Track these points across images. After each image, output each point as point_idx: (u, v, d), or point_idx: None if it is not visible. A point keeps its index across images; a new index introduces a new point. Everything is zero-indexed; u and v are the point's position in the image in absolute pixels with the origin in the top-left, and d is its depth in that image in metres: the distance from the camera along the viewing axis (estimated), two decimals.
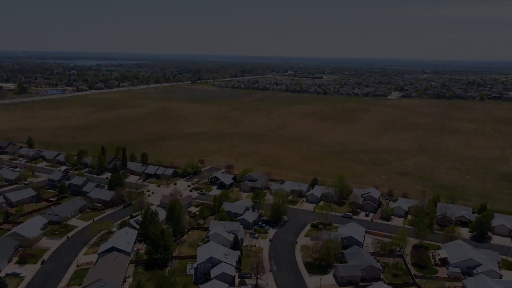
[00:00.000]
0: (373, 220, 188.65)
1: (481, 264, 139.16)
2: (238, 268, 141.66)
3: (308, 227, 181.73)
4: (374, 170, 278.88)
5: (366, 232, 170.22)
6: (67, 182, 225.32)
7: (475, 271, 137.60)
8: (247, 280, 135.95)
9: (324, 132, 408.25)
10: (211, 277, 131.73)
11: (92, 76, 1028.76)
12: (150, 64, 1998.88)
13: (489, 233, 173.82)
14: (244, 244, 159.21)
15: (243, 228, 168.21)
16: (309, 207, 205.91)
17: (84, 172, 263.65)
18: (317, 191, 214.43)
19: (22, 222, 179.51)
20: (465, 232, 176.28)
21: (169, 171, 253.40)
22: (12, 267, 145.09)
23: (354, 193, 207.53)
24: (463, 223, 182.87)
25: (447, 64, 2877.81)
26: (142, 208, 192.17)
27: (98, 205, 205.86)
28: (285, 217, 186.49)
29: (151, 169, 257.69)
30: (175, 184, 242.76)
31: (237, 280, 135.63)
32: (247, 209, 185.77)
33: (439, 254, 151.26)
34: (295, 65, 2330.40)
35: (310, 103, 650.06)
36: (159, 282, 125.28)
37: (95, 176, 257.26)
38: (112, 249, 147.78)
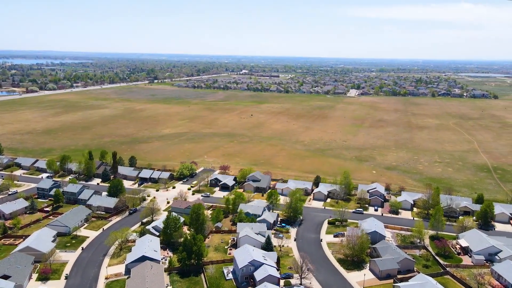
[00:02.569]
0: (383, 215, 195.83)
1: (501, 251, 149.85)
2: (277, 269, 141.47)
3: (326, 224, 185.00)
4: (362, 166, 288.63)
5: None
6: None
7: (497, 257, 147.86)
8: (291, 280, 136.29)
9: (301, 130, 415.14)
10: (257, 280, 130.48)
11: (39, 76, 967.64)
12: (97, 64, 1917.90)
13: (491, 221, 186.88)
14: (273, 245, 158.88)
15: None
16: (318, 204, 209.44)
17: (70, 179, 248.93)
18: (323, 188, 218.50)
19: (24, 236, 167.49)
20: (469, 221, 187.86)
21: (165, 175, 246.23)
22: (34, 285, 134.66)
23: (362, 189, 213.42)
24: (466, 213, 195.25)
25: (388, 63, 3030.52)
26: (152, 214, 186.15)
27: (101, 213, 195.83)
28: (300, 216, 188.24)
29: (145, 173, 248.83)
30: (173, 187, 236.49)
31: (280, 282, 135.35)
32: (264, 210, 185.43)
33: (459, 244, 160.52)
34: (246, 63, 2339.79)
35: (276, 101, 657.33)
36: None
37: (83, 182, 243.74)
38: (143, 258, 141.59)
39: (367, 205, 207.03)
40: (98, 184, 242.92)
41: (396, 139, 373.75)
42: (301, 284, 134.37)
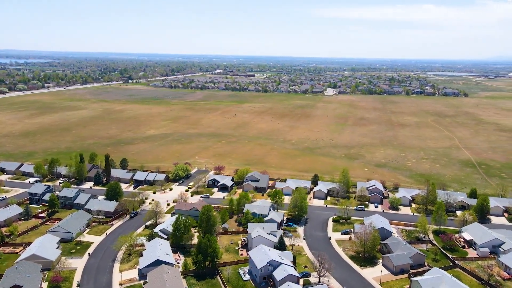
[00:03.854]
0: (384, 211, 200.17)
1: (504, 242, 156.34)
2: (294, 268, 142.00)
3: (330, 222, 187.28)
4: (352, 164, 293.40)
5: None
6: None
7: (501, 249, 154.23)
8: (309, 279, 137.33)
9: (286, 130, 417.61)
10: (277, 280, 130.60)
11: (5, 76, 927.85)
12: (64, 63, 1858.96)
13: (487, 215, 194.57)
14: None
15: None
16: (319, 203, 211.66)
17: (60, 183, 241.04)
18: (323, 187, 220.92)
19: (24, 243, 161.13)
20: (469, 215, 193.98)
21: (161, 176, 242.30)
22: None
23: (362, 186, 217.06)
24: (462, 207, 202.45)
25: (357, 62, 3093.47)
26: (156, 217, 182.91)
27: (101, 218, 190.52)
28: (305, 215, 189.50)
29: (140, 175, 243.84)
30: (170, 189, 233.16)
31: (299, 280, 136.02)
32: (270, 209, 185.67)
33: (463, 237, 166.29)
34: (218, 63, 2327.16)
35: (257, 101, 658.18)
36: None
37: (75, 186, 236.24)
38: (158, 262, 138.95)
39: (366, 202, 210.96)
40: (91, 187, 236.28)
41: (381, 137, 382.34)
42: (319, 282, 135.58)
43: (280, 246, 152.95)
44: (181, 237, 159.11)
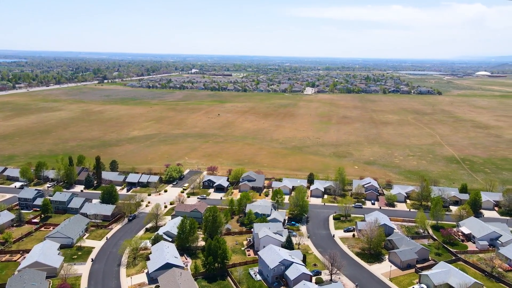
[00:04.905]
0: (382, 208, 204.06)
1: (501, 235, 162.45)
2: (305, 267, 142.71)
3: (331, 220, 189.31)
4: (342, 162, 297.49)
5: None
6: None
7: (499, 242, 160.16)
8: (321, 277, 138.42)
9: (272, 129, 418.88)
10: (291, 279, 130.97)
11: None
12: (32, 63, 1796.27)
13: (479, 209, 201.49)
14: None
15: None
16: (317, 201, 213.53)
17: (49, 187, 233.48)
18: (319, 185, 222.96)
19: (21, 251, 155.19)
20: (465, 210, 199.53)
21: (154, 178, 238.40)
22: None
23: (359, 184, 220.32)
24: (455, 202, 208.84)
25: (330, 61, 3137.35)
26: (157, 219, 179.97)
27: (99, 222, 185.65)
28: (305, 213, 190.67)
29: (133, 178, 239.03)
30: (165, 191, 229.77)
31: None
32: (272, 209, 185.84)
33: (461, 231, 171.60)
34: (193, 62, 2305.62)
35: (238, 100, 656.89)
36: None
37: (65, 190, 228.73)
38: (168, 265, 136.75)
39: (363, 200, 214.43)
40: (82, 191, 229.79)
41: (366, 135, 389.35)
42: (331, 280, 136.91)
43: (288, 245, 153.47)
44: (187, 239, 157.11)
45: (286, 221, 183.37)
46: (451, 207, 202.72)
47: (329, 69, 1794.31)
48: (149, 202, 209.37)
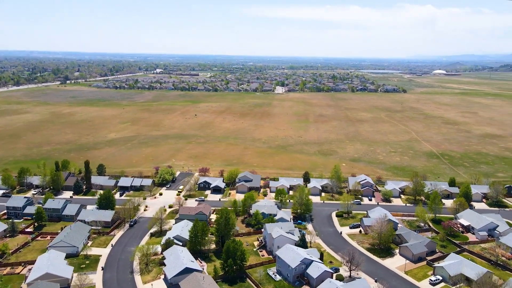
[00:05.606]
0: (379, 204, 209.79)
1: (498, 225, 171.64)
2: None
3: (334, 217, 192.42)
4: (328, 159, 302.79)
5: None
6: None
7: (496, 232, 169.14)
8: (341, 274, 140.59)
9: (252, 129, 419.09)
10: (314, 278, 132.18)
11: None
12: None
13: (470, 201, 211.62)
14: None
15: None
16: (316, 199, 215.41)
17: (34, 194, 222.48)
18: (316, 183, 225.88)
19: (23, 262, 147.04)
20: (449, 202, 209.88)
21: (147, 181, 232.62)
22: None
23: (356, 181, 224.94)
24: (446, 195, 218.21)
25: (292, 60, 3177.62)
26: (161, 224, 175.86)
27: (99, 228, 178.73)
28: (309, 212, 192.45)
29: (125, 182, 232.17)
30: (160, 194, 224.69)
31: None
32: (276, 209, 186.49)
33: (460, 223, 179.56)
34: (154, 62, 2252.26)
35: (211, 100, 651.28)
36: None
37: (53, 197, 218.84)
38: (187, 270, 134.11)
39: (360, 196, 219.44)
40: (71, 197, 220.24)
41: (345, 133, 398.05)
42: (350, 276, 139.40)
43: (302, 244, 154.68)
44: (200, 242, 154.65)
45: (292, 220, 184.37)
46: (443, 201, 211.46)
47: (294, 68, 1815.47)
48: (146, 206, 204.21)
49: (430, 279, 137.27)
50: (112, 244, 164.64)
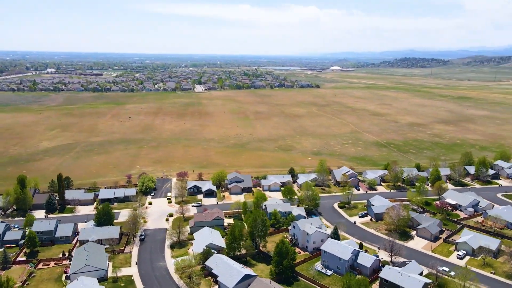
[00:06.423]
0: (368, 192, 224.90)
1: (479, 201, 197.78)
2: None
3: (338, 208, 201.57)
4: (292, 154, 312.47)
5: None
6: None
7: (480, 207, 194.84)
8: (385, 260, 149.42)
9: (198, 129, 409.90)
10: (368, 267, 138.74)
11: None
12: None
13: None
14: None
15: None
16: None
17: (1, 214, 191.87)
18: (306, 178, 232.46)
19: None
20: (445, 185, 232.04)
21: (132, 191, 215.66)
22: None
23: (342, 173, 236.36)
24: (417, 179, 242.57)
25: (188, 58, 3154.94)
26: (179, 234, 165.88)
27: (111, 247, 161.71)
28: (317, 206, 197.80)
29: (106, 194, 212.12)
30: (150, 203, 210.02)
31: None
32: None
33: (448, 202, 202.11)
34: (38, 61, 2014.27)
35: (134, 101, 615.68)
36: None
37: (21, 218, 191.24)
38: (246, 277, 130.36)
39: (348, 187, 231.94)
40: (46, 216, 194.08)
41: (292, 128, 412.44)
42: (391, 261, 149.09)
43: (336, 237, 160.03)
44: (237, 247, 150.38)
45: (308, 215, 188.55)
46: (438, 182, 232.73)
47: (196, 66, 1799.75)
48: (144, 218, 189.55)
49: (458, 254, 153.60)
50: (136, 263, 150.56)
